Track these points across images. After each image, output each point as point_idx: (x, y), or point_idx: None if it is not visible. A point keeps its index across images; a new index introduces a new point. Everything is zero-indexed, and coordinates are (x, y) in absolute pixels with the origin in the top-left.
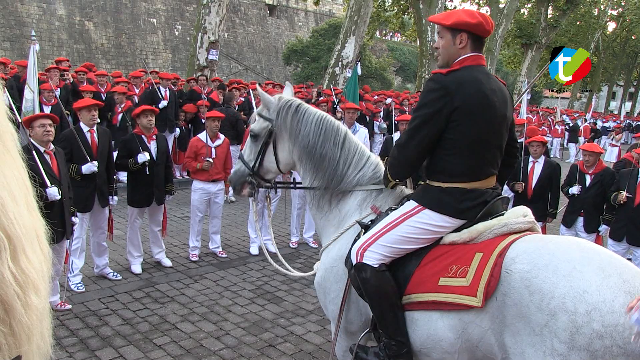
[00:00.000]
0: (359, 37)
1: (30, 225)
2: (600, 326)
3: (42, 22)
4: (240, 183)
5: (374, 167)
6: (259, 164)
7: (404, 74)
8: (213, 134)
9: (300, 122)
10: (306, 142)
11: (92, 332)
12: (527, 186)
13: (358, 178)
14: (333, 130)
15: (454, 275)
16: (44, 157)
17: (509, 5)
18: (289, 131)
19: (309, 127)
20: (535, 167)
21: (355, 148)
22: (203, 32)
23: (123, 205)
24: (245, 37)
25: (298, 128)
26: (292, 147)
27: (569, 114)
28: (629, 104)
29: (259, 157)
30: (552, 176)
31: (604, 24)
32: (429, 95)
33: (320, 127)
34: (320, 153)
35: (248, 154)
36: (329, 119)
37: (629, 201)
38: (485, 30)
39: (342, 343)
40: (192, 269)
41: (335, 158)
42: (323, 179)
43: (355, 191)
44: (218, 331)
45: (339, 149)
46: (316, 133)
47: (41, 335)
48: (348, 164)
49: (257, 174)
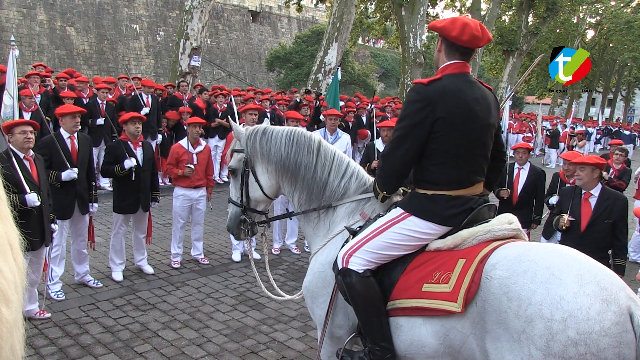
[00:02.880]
0: (341, 43)
1: (3, 235)
2: (575, 333)
3: (22, 27)
4: (237, 225)
5: (357, 175)
6: (245, 197)
7: (386, 81)
8: (194, 140)
9: (270, 140)
10: (279, 156)
11: (72, 341)
12: (513, 193)
13: (344, 187)
14: (305, 139)
15: (437, 282)
16: (24, 163)
17: (490, 13)
18: (260, 153)
19: (279, 142)
20: (520, 174)
21: (333, 154)
22: (185, 38)
23: (104, 212)
24: (228, 44)
25: (268, 146)
26: (268, 167)
27: (550, 120)
28: (608, 110)
29: (243, 190)
30: (537, 183)
31: (583, 32)
32: (411, 107)
33: (291, 138)
34: (295, 162)
35: (234, 193)
36: (300, 130)
37: (574, 225)
38: (451, 36)
39: (328, 348)
40: (174, 275)
41: (312, 165)
42: (303, 188)
43: (342, 205)
44: (200, 338)
45: (314, 156)
46: (287, 145)
47: (11, 348)
48: (327, 170)
49: (249, 208)
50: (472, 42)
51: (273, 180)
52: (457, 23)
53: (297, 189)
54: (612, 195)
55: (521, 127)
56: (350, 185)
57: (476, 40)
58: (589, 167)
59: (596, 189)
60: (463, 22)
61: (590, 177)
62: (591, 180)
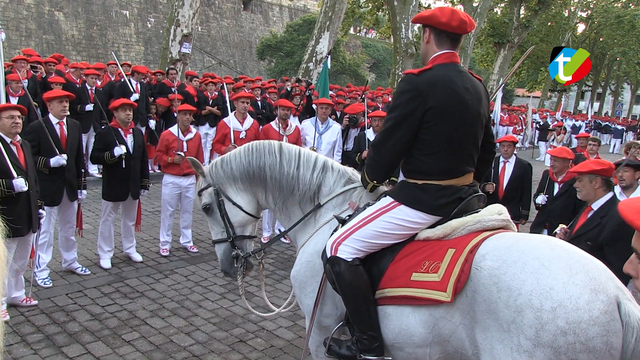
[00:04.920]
0: (333, 32)
1: None
2: (565, 323)
3: (8, 10)
4: (230, 262)
5: (332, 168)
6: (230, 226)
7: (377, 71)
8: (184, 128)
9: (230, 161)
10: (242, 169)
11: (59, 328)
12: (499, 187)
13: (317, 179)
14: (264, 145)
15: (426, 271)
16: (11, 148)
17: (482, 4)
18: (225, 177)
19: (239, 157)
20: (506, 168)
21: (297, 151)
22: (176, 25)
23: (93, 199)
24: (219, 31)
25: (230, 167)
26: (238, 186)
27: (540, 113)
28: (597, 104)
29: (225, 220)
30: (524, 177)
31: (574, 25)
32: (402, 97)
33: (249, 149)
34: (259, 166)
35: (217, 231)
36: (257, 142)
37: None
38: (441, 23)
39: (316, 337)
40: (162, 263)
41: (276, 162)
42: (274, 187)
43: (330, 201)
44: (188, 327)
45: (276, 155)
46: (247, 155)
47: None
48: (294, 164)
49: (238, 237)
50: (461, 28)
51: (249, 196)
52: (445, 10)
53: (268, 191)
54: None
55: (511, 119)
56: (326, 178)
57: (464, 26)
58: (585, 177)
59: (599, 201)
60: (450, 9)
61: (590, 188)
62: (592, 191)
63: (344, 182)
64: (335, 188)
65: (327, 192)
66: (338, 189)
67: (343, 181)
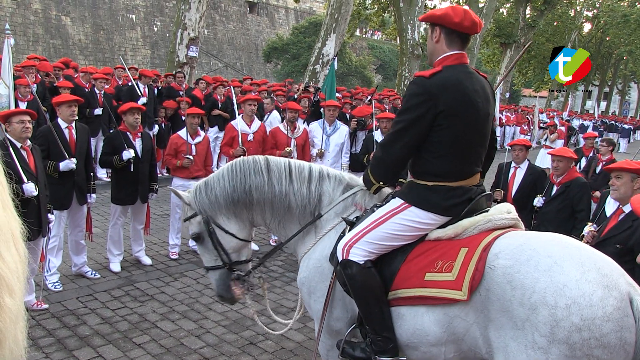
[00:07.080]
0: (339, 34)
1: (5, 224)
2: (579, 319)
3: (16, 15)
4: (227, 286)
5: (328, 176)
6: (224, 253)
7: (384, 72)
8: (193, 131)
9: (213, 187)
10: (226, 195)
11: (70, 332)
12: (507, 194)
13: (316, 190)
14: (248, 163)
15: (439, 270)
16: (21, 153)
17: (488, 5)
18: (210, 205)
19: (222, 181)
20: (516, 174)
21: (287, 164)
22: (183, 28)
23: (102, 203)
24: (225, 34)
25: (214, 193)
26: (227, 213)
27: (547, 112)
28: (604, 103)
29: (218, 248)
30: (537, 183)
31: (580, 25)
32: (413, 100)
33: (232, 170)
34: (244, 190)
35: (209, 258)
36: (239, 159)
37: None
38: (454, 23)
39: (326, 342)
40: (172, 267)
41: (263, 183)
42: (264, 208)
43: (331, 210)
44: (198, 329)
45: (263, 175)
46: (231, 179)
47: (14, 338)
48: (286, 180)
49: (234, 263)
50: (472, 28)
51: (241, 222)
52: (457, 10)
53: (257, 213)
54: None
55: (518, 119)
56: (325, 188)
57: (475, 27)
58: (627, 176)
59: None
60: (462, 8)
61: (629, 188)
62: (629, 192)
63: (343, 189)
64: (335, 196)
65: (328, 201)
66: (338, 197)
67: (341, 188)
